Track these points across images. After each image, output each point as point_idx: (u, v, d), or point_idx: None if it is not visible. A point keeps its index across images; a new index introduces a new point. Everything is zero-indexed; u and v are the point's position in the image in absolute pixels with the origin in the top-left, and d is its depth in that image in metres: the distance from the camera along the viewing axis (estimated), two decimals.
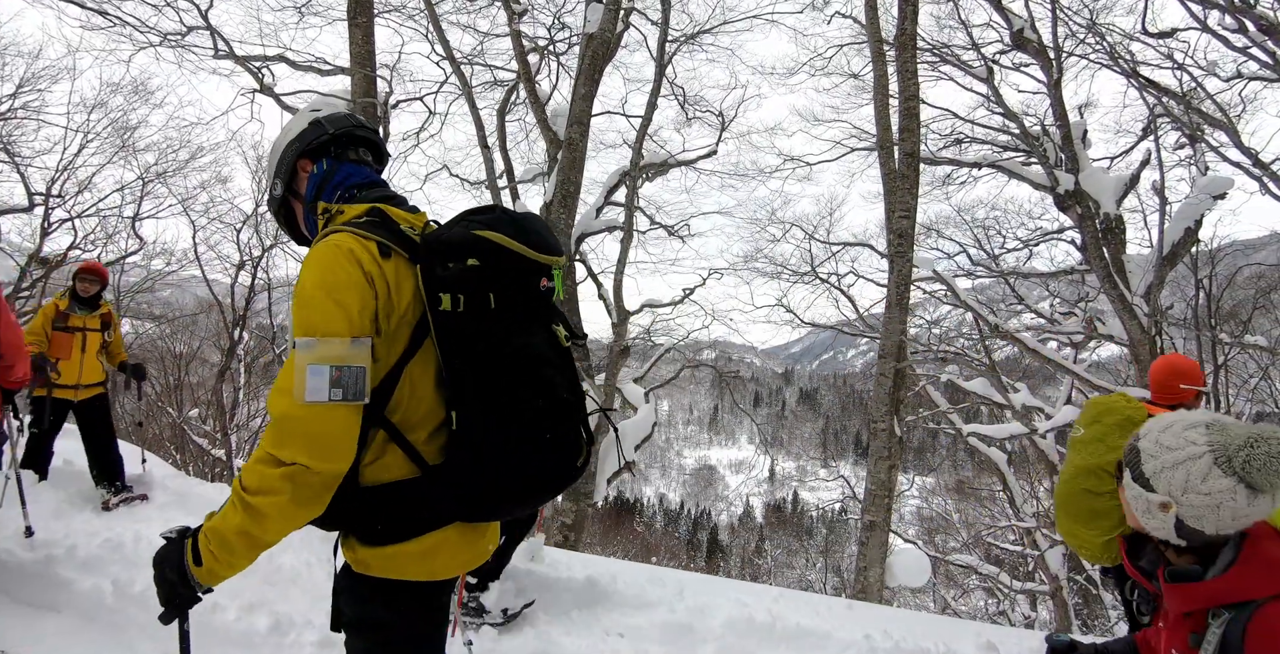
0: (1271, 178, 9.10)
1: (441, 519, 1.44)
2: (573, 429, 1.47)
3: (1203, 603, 1.28)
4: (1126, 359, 12.67)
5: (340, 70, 10.50)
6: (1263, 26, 8.81)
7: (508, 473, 1.39)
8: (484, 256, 1.37)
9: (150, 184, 15.51)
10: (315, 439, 1.27)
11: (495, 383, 1.38)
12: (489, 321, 1.37)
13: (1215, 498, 1.24)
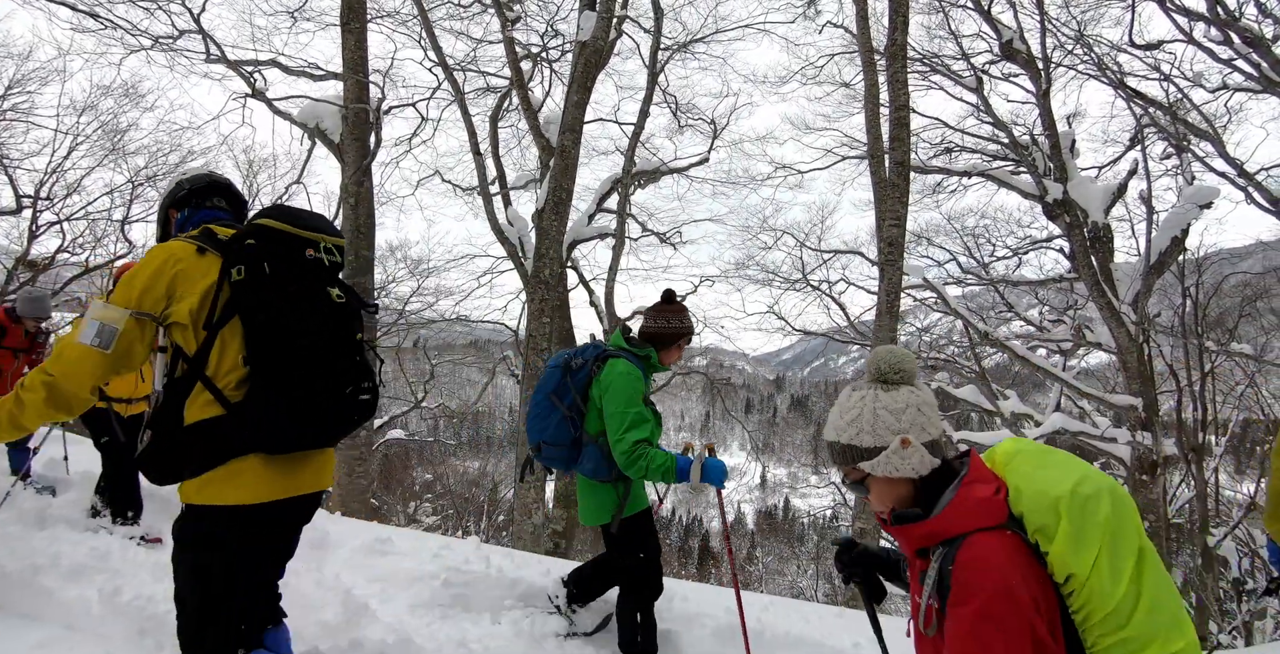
0: (1256, 187, 9.23)
1: (243, 448, 1.81)
2: (348, 371, 1.92)
3: (920, 541, 1.40)
4: (1115, 366, 12.76)
5: (333, 75, 10.50)
6: (1247, 39, 8.94)
7: (291, 408, 1.80)
8: (257, 237, 1.85)
9: (140, 187, 15.44)
10: (70, 365, 1.78)
11: (275, 334, 1.80)
12: (265, 285, 1.81)
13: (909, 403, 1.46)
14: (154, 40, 10.36)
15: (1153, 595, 1.27)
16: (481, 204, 10.69)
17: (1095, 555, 1.26)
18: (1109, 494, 1.31)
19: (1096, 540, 1.27)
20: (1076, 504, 1.29)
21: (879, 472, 1.44)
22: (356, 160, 8.48)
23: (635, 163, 12.08)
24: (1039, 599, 1.26)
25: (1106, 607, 1.26)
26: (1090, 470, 1.35)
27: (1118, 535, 1.29)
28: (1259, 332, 16.82)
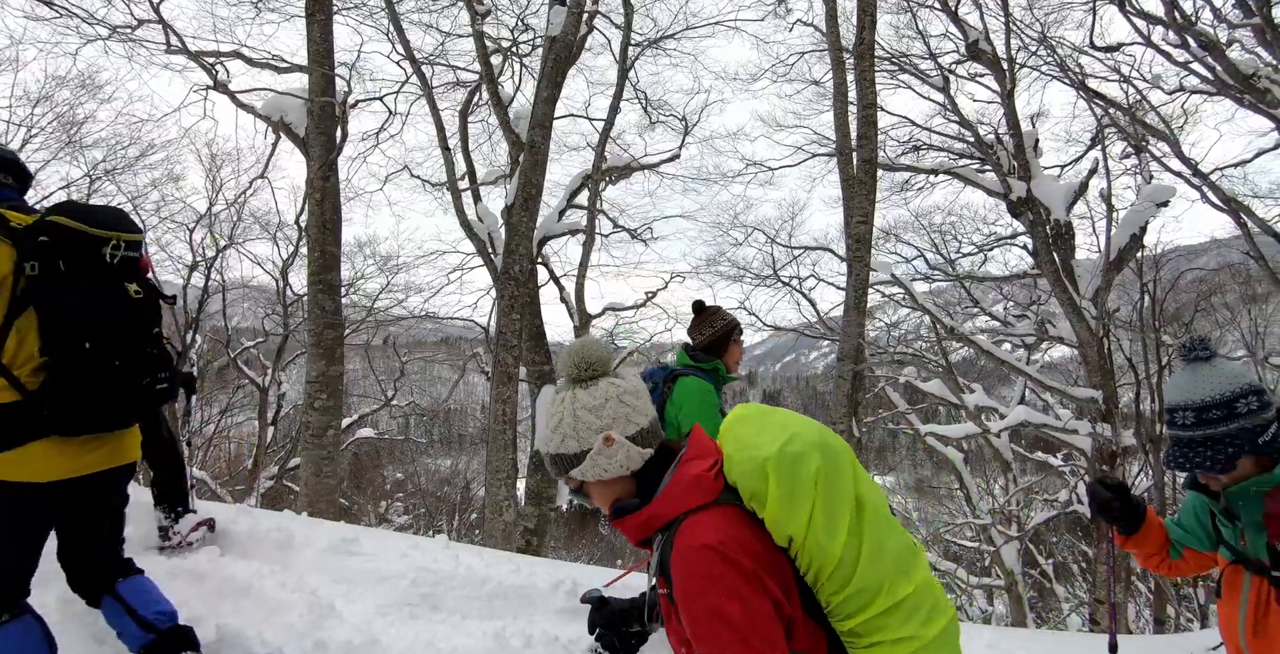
0: (1210, 187, 9.50)
1: (36, 432, 1.93)
2: (144, 362, 2.07)
3: (640, 532, 1.35)
4: (1076, 360, 13.07)
5: (298, 68, 10.30)
6: (1203, 43, 9.17)
7: (84, 397, 1.94)
8: (51, 234, 1.93)
9: (98, 182, 14.99)
10: None
11: (71, 328, 1.92)
12: (60, 281, 1.92)
13: (608, 396, 1.37)
14: (112, 30, 10.06)
15: (874, 545, 1.27)
16: (450, 200, 10.59)
17: (809, 513, 1.25)
18: (818, 449, 1.28)
19: (808, 498, 1.25)
20: (785, 464, 1.26)
21: (589, 477, 1.36)
22: (322, 155, 8.34)
23: (606, 159, 12.05)
24: (764, 566, 1.24)
25: (830, 563, 1.25)
26: (802, 428, 1.33)
27: (830, 490, 1.27)
28: (1214, 326, 17.34)
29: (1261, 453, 1.67)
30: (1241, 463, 1.68)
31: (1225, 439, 1.67)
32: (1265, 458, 1.67)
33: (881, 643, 1.27)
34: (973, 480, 14.89)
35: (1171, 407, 1.75)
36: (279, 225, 16.20)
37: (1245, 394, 1.68)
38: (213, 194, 15.72)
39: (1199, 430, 1.69)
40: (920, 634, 1.27)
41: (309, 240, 8.59)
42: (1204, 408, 1.69)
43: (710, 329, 2.97)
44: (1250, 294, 16.70)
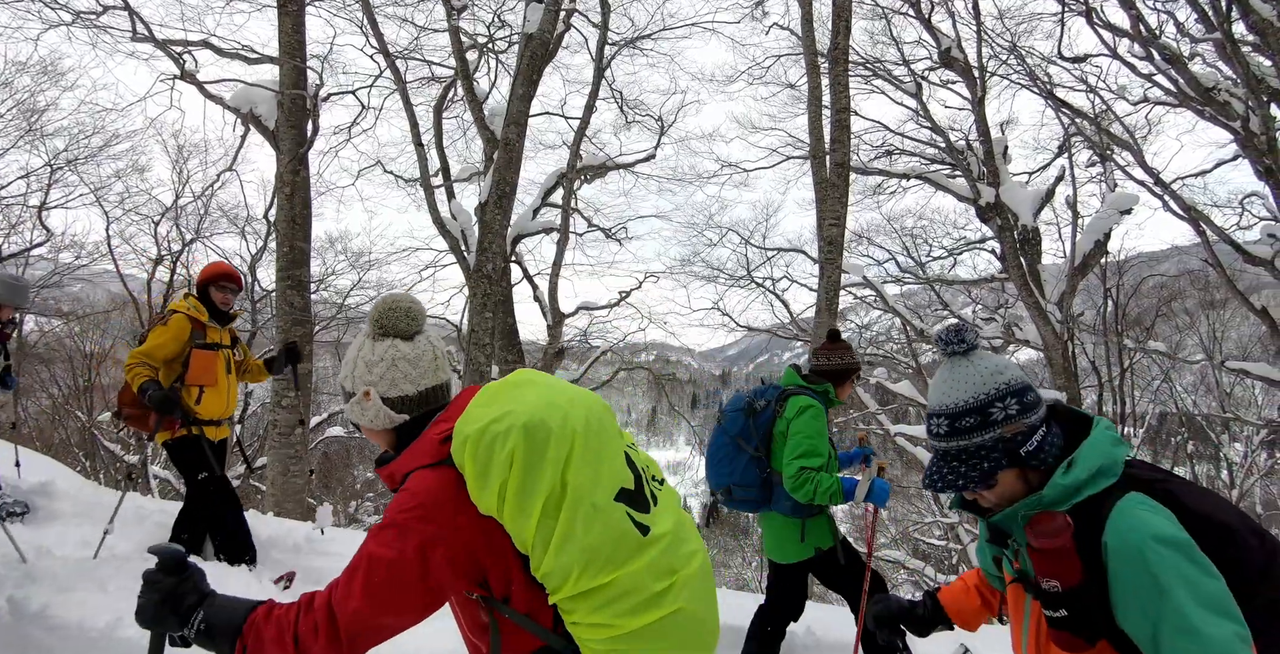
0: (1171, 196, 9.73)
1: None
2: None
3: (388, 482, 1.43)
4: (1042, 363, 13.35)
5: (268, 59, 10.12)
6: (1166, 56, 9.41)
7: None
8: None
9: (59, 171, 14.59)
10: None
11: None
12: None
13: (384, 356, 1.43)
14: (75, 15, 9.79)
15: (564, 534, 1.26)
16: (424, 196, 10.50)
17: (499, 493, 1.26)
18: (521, 431, 1.27)
19: (499, 478, 1.26)
20: (483, 443, 1.27)
21: (350, 417, 1.48)
22: (292, 148, 8.21)
23: (581, 157, 12.03)
24: (457, 532, 1.28)
25: (526, 542, 1.28)
26: (525, 407, 1.32)
27: (526, 474, 1.26)
28: (1174, 330, 17.82)
29: (1025, 466, 1.35)
30: (1003, 478, 1.36)
31: (980, 451, 1.35)
32: (1032, 472, 1.36)
33: (579, 624, 1.30)
34: None
35: (928, 413, 1.45)
36: (247, 219, 15.93)
37: (1002, 397, 1.35)
38: (179, 186, 15.40)
39: (953, 441, 1.37)
40: (617, 623, 1.28)
41: (278, 235, 8.46)
42: (957, 414, 1.37)
43: (839, 359, 3.11)
44: (1209, 300, 17.17)
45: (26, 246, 15.10)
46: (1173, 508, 1.24)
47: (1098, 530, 1.24)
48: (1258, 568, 1.24)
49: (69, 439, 16.09)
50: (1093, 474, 1.29)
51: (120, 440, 15.10)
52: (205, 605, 1.31)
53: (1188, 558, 1.16)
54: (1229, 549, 1.22)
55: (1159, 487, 1.28)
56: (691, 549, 1.41)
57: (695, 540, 1.45)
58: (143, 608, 1.33)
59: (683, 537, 1.41)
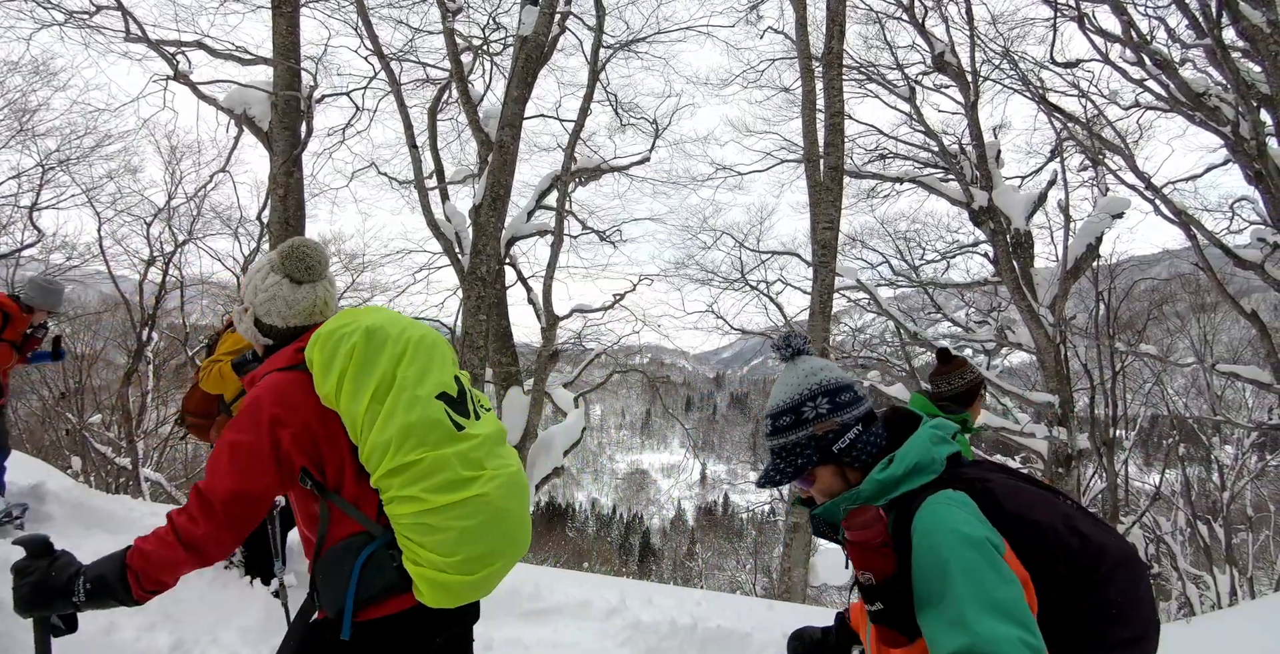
0: (1163, 200, 9.79)
1: None
2: None
3: (249, 386, 1.68)
4: (1035, 365, 13.40)
5: (262, 61, 10.10)
6: (1157, 61, 9.48)
7: None
8: None
9: (51, 172, 14.50)
10: None
11: None
12: None
13: (269, 289, 1.72)
14: (68, 15, 9.75)
15: (387, 415, 1.50)
16: (418, 198, 10.47)
17: (338, 378, 1.53)
18: (364, 332, 1.57)
19: (340, 367, 1.53)
20: (332, 340, 1.56)
21: (235, 323, 1.80)
22: (286, 150, 8.19)
23: (576, 160, 12.03)
24: (299, 419, 1.54)
25: (355, 423, 1.52)
26: (371, 318, 1.62)
27: (363, 365, 1.54)
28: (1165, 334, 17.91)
29: (839, 463, 1.40)
30: (820, 474, 1.42)
31: (795, 448, 1.41)
32: (851, 469, 1.40)
33: (394, 499, 1.50)
34: None
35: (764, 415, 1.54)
36: (240, 221, 15.83)
37: (814, 396, 1.42)
38: (172, 187, 15.29)
39: (774, 439, 1.45)
40: (425, 498, 1.48)
41: (271, 237, 8.43)
42: (776, 414, 1.45)
43: (962, 380, 3.04)
44: (1200, 303, 17.27)
45: (17, 247, 15.01)
46: (988, 506, 1.25)
47: (909, 525, 1.26)
48: (1077, 568, 1.24)
49: (58, 441, 15.95)
50: (908, 470, 1.31)
51: (111, 443, 15.00)
52: (84, 570, 1.46)
53: (981, 555, 1.15)
54: (1041, 548, 1.23)
55: (979, 485, 1.29)
56: (507, 463, 1.64)
57: (513, 460, 1.67)
58: (22, 596, 1.44)
59: (499, 452, 1.65)
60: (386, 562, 1.53)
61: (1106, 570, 1.25)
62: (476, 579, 1.53)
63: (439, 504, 1.48)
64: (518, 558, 1.65)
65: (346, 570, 1.53)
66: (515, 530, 1.61)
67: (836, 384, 1.44)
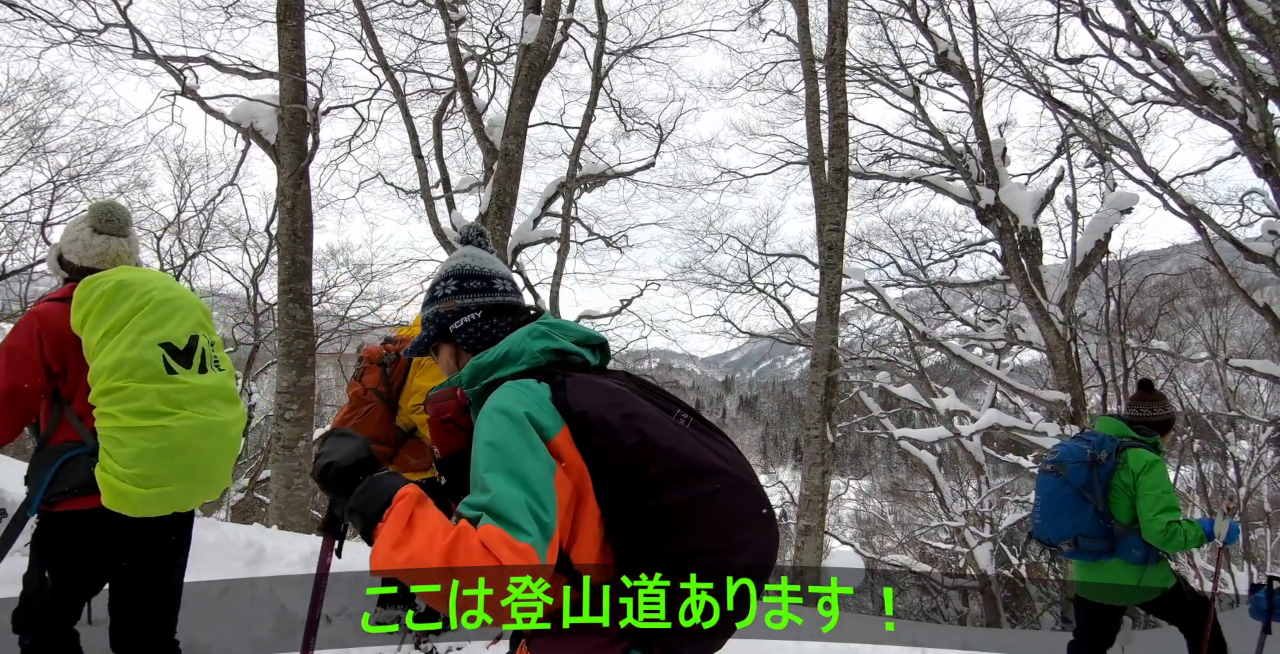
0: (1171, 194, 9.74)
1: None
2: None
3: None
4: (1045, 364, 13.32)
5: (268, 74, 10.20)
6: (1163, 55, 9.44)
7: None
8: None
9: (62, 187, 14.65)
10: None
11: None
12: None
13: (75, 232, 2.19)
14: (77, 33, 9.87)
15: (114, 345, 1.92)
16: (424, 207, 10.54)
17: (84, 314, 1.96)
18: (115, 283, 1.99)
19: (89, 305, 1.96)
20: (91, 285, 1.99)
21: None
22: (293, 162, 8.25)
23: (581, 167, 12.07)
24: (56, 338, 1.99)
25: (90, 350, 1.95)
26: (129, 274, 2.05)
27: (108, 306, 1.96)
28: (1177, 329, 17.76)
29: (454, 343, 1.47)
30: (442, 353, 1.50)
31: (425, 323, 1.50)
32: (463, 351, 1.47)
33: (100, 414, 1.90)
34: (946, 483, 15.08)
35: None
36: (249, 233, 15.96)
37: (446, 277, 1.51)
38: (181, 201, 15.45)
39: (421, 311, 1.56)
40: (120, 417, 1.87)
41: (279, 248, 8.49)
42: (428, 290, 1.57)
43: (1164, 409, 3.30)
44: (1211, 298, 17.11)
45: (30, 263, 15.17)
46: (558, 397, 1.28)
47: None
48: (625, 465, 1.24)
49: None
50: (499, 358, 1.36)
51: None
52: None
53: (515, 428, 1.20)
54: (590, 439, 1.24)
55: (558, 378, 1.32)
56: (215, 414, 2.03)
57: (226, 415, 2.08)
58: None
59: (212, 403, 2.04)
60: (84, 464, 1.92)
61: (661, 475, 1.24)
62: (150, 494, 1.88)
63: (129, 425, 1.86)
64: (201, 492, 2.06)
65: (48, 465, 1.96)
66: (197, 467, 1.97)
67: (469, 271, 1.51)
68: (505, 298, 1.51)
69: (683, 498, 1.24)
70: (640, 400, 1.35)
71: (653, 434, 1.27)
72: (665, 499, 1.24)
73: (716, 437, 1.40)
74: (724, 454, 1.35)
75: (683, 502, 1.24)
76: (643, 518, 1.24)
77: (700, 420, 1.42)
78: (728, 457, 1.35)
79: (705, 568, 1.24)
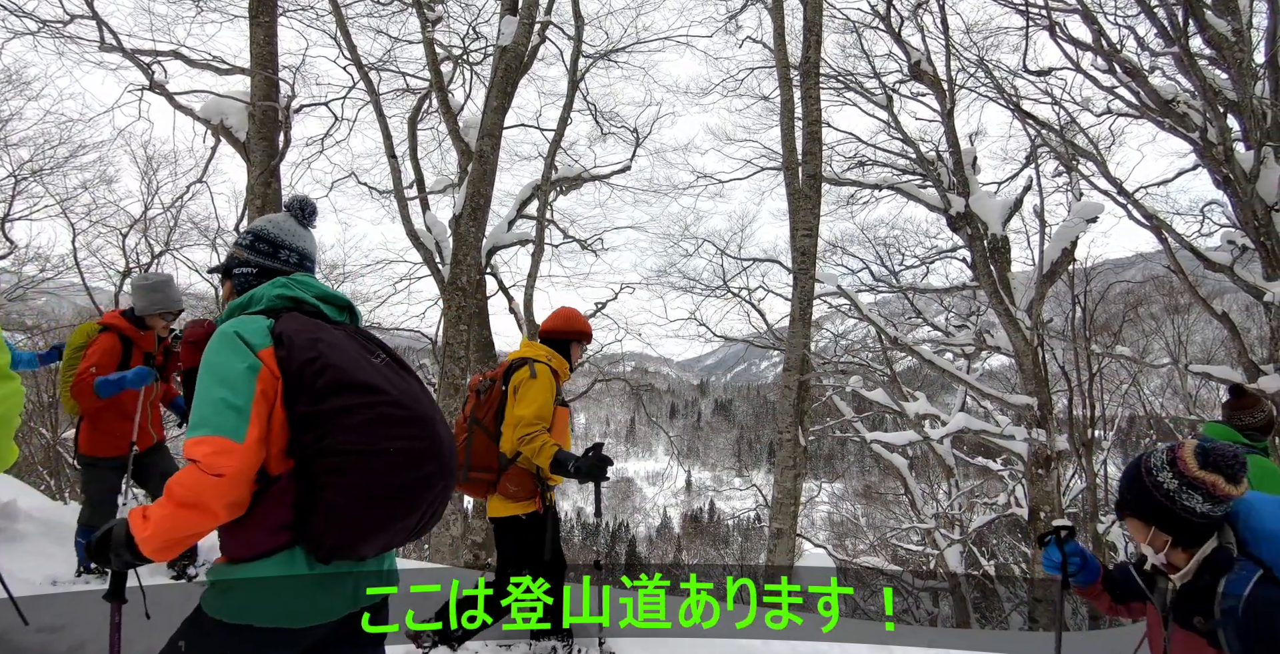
0: (1134, 205, 9.96)
1: None
2: None
3: None
4: (1014, 368, 13.55)
5: (240, 70, 10.04)
6: (1128, 69, 9.68)
7: None
8: None
9: (24, 182, 14.30)
10: None
11: None
12: None
13: None
14: (42, 24, 9.64)
15: None
16: (397, 208, 10.43)
17: None
18: None
19: None
20: None
21: None
22: (264, 161, 8.14)
23: (556, 169, 12.03)
24: None
25: None
26: None
27: None
28: (1140, 335, 18.19)
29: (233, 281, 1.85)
30: (225, 287, 1.90)
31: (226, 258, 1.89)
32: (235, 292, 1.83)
33: None
34: (917, 486, 15.27)
35: None
36: (218, 231, 15.66)
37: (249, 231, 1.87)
38: (148, 198, 15.13)
39: None
40: None
41: None
42: None
43: (1263, 414, 3.39)
44: (1173, 305, 17.55)
45: None
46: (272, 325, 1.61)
47: None
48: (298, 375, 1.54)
49: (32, 456, 15.65)
50: (245, 301, 1.72)
51: None
52: None
53: (224, 344, 1.54)
54: (282, 351, 1.56)
55: (279, 315, 1.66)
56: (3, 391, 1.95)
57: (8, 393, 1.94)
58: None
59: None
60: None
61: (326, 385, 1.53)
62: None
63: None
64: None
65: None
66: None
67: (265, 235, 1.84)
68: (284, 266, 1.84)
69: (340, 405, 1.53)
70: (338, 336, 1.66)
71: (328, 354, 1.57)
72: (325, 405, 1.52)
73: (406, 377, 1.71)
74: (399, 386, 1.64)
75: (339, 408, 1.53)
76: (308, 420, 1.52)
77: (398, 363, 1.73)
78: (403, 389, 1.64)
79: (356, 468, 1.50)
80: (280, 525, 1.53)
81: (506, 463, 3.17)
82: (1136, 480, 1.77)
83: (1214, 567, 1.64)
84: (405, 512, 1.58)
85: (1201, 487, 1.66)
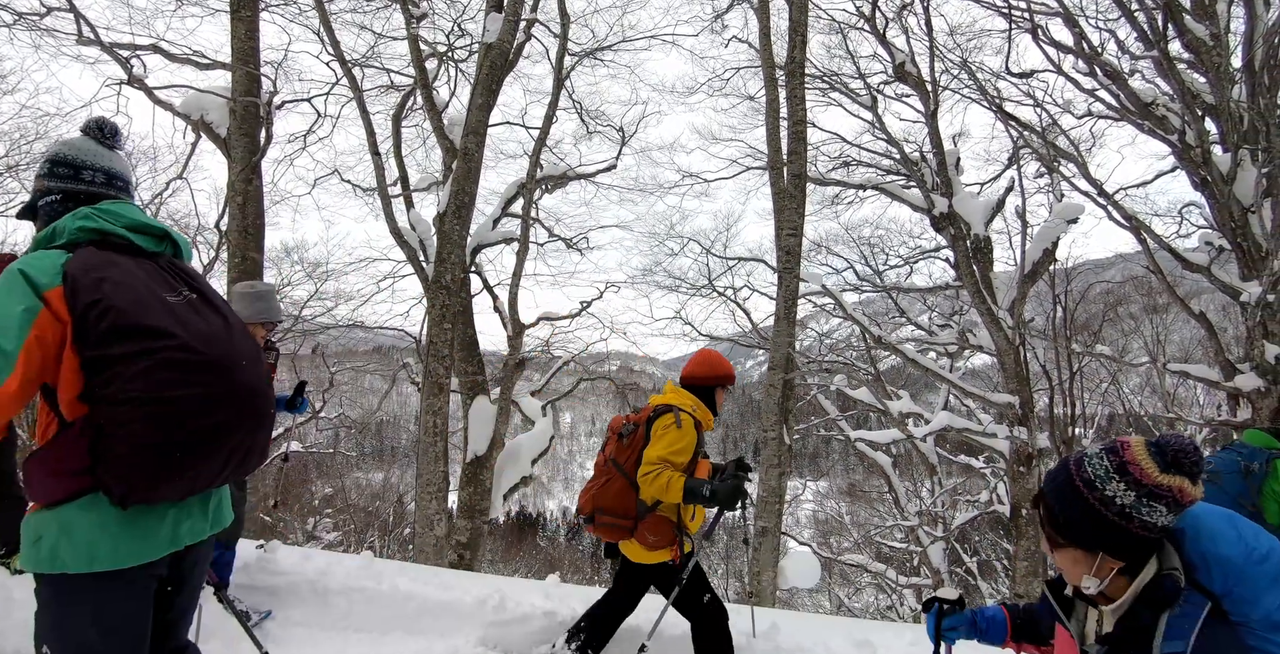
0: (1114, 206, 10.06)
1: None
2: None
3: None
4: (996, 367, 13.67)
5: (220, 65, 9.93)
6: (1108, 72, 9.78)
7: None
8: None
9: (0, 176, 14.06)
10: None
11: None
12: None
13: None
14: (17, 16, 9.48)
15: None
16: (381, 205, 10.34)
17: None
18: None
19: None
20: None
21: None
22: (245, 156, 8.04)
23: (541, 167, 11.99)
24: None
25: None
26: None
27: None
28: (1120, 335, 18.42)
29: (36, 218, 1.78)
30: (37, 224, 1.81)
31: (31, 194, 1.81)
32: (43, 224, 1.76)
33: None
34: (901, 483, 15.38)
35: None
36: (198, 228, 15.49)
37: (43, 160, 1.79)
38: None
39: None
40: None
41: (229, 245, 8.26)
42: None
43: None
44: (1152, 305, 17.79)
45: None
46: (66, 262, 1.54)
47: None
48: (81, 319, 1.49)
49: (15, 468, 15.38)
50: (48, 234, 1.62)
51: None
52: None
53: (7, 283, 1.48)
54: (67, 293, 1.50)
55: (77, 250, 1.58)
56: None
57: None
58: None
59: None
60: None
61: (109, 329, 1.48)
62: None
63: None
64: None
65: None
66: None
67: (61, 158, 1.73)
68: (90, 187, 1.73)
69: (121, 352, 1.47)
70: (133, 273, 1.58)
71: (111, 295, 1.50)
72: (108, 351, 1.47)
73: (209, 317, 1.64)
74: (195, 328, 1.58)
75: (120, 355, 1.47)
76: (95, 364, 1.47)
77: (206, 301, 1.67)
78: (198, 331, 1.58)
79: (137, 417, 1.46)
80: (78, 470, 1.49)
81: (645, 511, 3.05)
82: (1074, 500, 1.36)
83: (1154, 600, 1.30)
84: (200, 459, 1.54)
85: (1166, 495, 1.30)
